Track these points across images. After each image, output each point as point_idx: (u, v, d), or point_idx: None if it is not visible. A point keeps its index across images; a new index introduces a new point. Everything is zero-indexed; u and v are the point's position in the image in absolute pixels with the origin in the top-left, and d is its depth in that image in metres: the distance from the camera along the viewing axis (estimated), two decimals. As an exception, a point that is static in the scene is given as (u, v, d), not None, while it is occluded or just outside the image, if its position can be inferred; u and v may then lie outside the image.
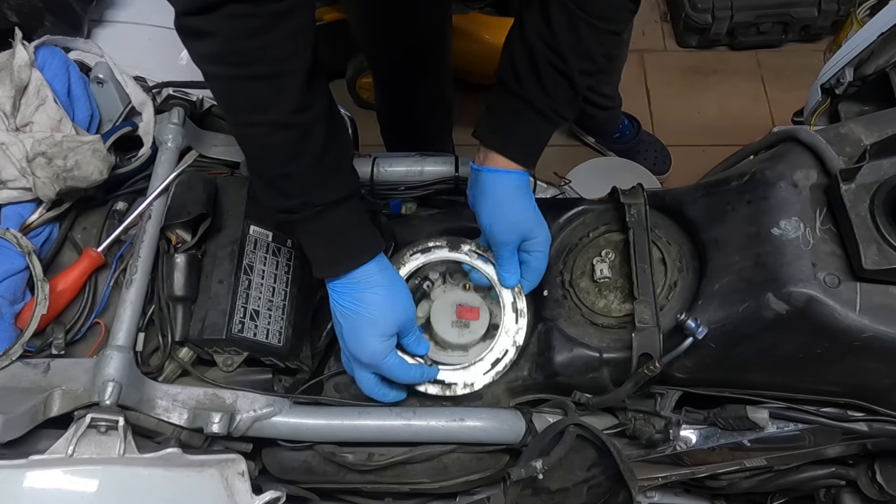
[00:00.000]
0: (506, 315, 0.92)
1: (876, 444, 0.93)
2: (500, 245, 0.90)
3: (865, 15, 2.12)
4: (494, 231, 0.89)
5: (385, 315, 0.83)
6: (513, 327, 0.92)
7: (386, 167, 1.06)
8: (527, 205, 0.89)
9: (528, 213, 0.89)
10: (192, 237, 0.93)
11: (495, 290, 0.94)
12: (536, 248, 0.91)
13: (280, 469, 0.93)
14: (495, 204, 0.88)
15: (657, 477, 1.04)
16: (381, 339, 0.83)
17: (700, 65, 2.32)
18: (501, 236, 0.89)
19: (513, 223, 0.89)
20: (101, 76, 0.99)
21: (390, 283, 0.83)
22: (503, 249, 0.90)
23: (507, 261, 0.91)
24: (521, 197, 0.89)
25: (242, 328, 0.86)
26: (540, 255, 0.91)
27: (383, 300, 0.82)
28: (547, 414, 0.92)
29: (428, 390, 0.89)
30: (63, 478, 0.78)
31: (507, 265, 0.91)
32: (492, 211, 0.89)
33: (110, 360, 0.82)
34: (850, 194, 0.76)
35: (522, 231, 0.89)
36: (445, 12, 1.45)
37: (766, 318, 0.76)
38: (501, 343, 0.91)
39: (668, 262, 0.89)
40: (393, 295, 0.83)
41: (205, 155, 1.03)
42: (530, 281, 0.93)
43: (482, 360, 0.90)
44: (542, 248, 0.91)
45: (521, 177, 0.88)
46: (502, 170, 0.87)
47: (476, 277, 0.95)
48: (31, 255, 0.88)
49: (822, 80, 1.08)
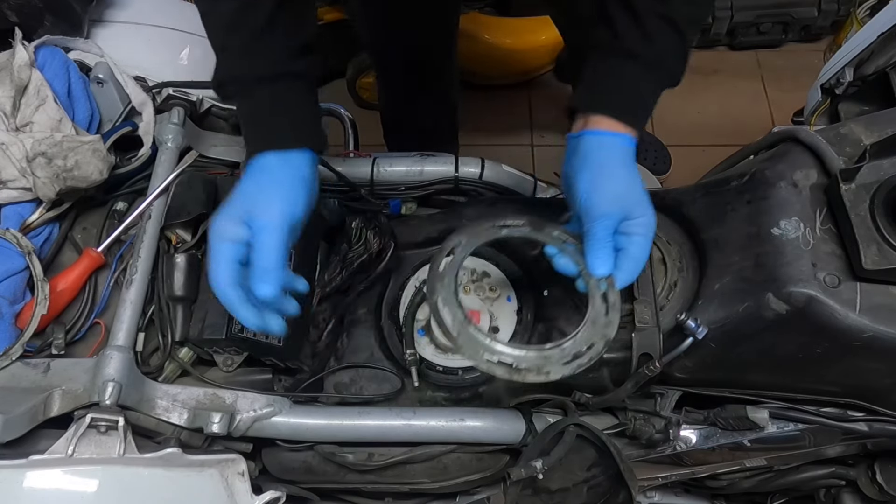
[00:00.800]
0: (593, 305, 0.79)
1: (876, 444, 0.93)
2: (597, 221, 0.76)
3: (865, 15, 2.12)
4: (593, 202, 0.76)
5: (246, 198, 0.74)
6: (601, 320, 0.78)
7: (386, 167, 1.06)
8: (634, 175, 0.78)
9: (634, 184, 0.78)
10: (192, 237, 0.93)
11: (581, 280, 0.81)
12: (638, 230, 0.77)
13: (280, 469, 0.93)
14: (598, 170, 0.77)
15: (657, 477, 1.04)
16: (227, 220, 0.73)
17: (700, 65, 2.32)
18: (601, 208, 0.76)
19: (616, 194, 0.76)
20: (101, 76, 0.99)
21: (280, 181, 0.75)
22: (599, 227, 0.76)
23: (600, 243, 0.76)
24: (627, 165, 0.79)
25: (242, 328, 0.86)
26: (641, 241, 0.77)
27: (255, 188, 0.74)
28: (547, 414, 0.92)
29: (494, 371, 0.77)
30: (63, 478, 0.78)
31: (599, 250, 0.77)
32: (593, 179, 0.77)
33: (110, 360, 0.82)
34: (850, 194, 0.76)
35: (626, 205, 0.77)
36: (454, 12, 1.43)
37: (766, 318, 0.76)
38: (586, 334, 0.78)
39: (668, 262, 0.89)
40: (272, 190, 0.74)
41: (205, 155, 1.03)
42: (626, 272, 0.78)
43: (560, 348, 0.78)
44: (645, 232, 0.77)
45: (628, 141, 0.79)
46: (607, 131, 0.78)
47: (561, 264, 0.81)
48: (31, 255, 0.88)
49: (822, 80, 1.08)
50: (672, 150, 2.12)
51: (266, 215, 0.74)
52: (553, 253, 0.82)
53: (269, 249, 0.73)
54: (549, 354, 0.77)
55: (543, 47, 2.08)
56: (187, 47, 1.11)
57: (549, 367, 0.77)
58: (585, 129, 0.79)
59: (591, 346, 0.78)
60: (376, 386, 0.95)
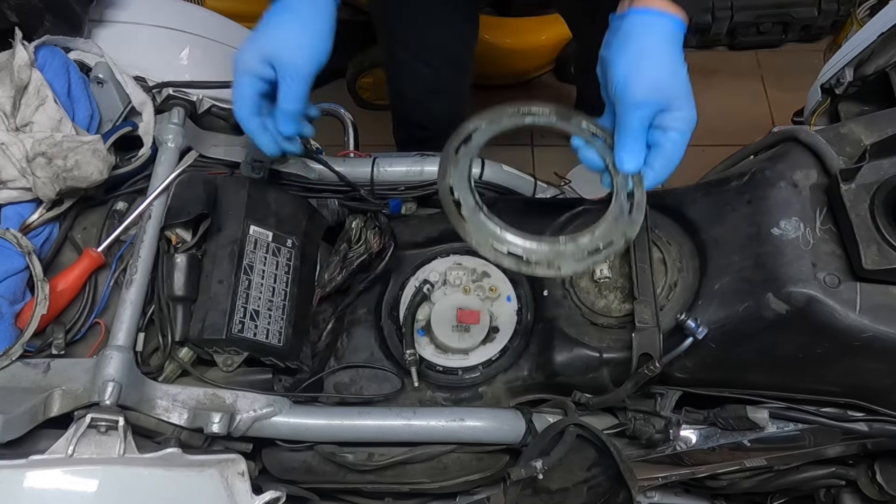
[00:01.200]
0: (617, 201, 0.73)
1: (876, 444, 0.93)
2: (631, 109, 0.70)
3: (865, 15, 2.12)
4: (630, 88, 0.70)
5: (270, 37, 0.79)
6: (624, 218, 0.72)
7: (386, 167, 1.06)
8: (679, 62, 0.71)
9: (679, 72, 0.71)
10: (192, 237, 0.93)
11: (606, 176, 0.75)
12: (676, 124, 0.71)
13: (280, 469, 0.93)
14: (640, 53, 0.70)
15: (657, 477, 1.04)
16: (250, 56, 0.80)
17: (700, 65, 2.32)
18: (638, 95, 0.69)
19: (657, 80, 0.70)
20: (101, 76, 0.99)
21: (305, 23, 0.79)
22: (633, 117, 0.70)
23: (632, 135, 0.70)
24: (673, 50, 0.72)
25: (242, 328, 0.86)
26: (677, 138, 0.71)
27: (280, 28, 0.79)
28: (547, 414, 0.92)
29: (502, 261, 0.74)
30: (63, 478, 0.78)
31: (630, 142, 0.70)
32: (633, 62, 0.70)
33: (110, 360, 0.82)
34: (850, 194, 0.76)
35: (666, 95, 0.70)
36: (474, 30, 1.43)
37: (766, 318, 0.76)
38: (605, 230, 0.73)
39: (668, 262, 0.89)
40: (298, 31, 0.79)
41: (205, 155, 1.03)
42: (657, 170, 0.72)
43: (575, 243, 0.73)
44: (684, 128, 0.71)
45: (678, 24, 0.72)
46: (656, 10, 0.71)
47: (587, 159, 0.76)
48: (31, 255, 0.88)
49: (822, 80, 1.08)
50: (672, 150, 2.13)
51: (291, 58, 0.79)
52: (579, 145, 0.76)
53: (294, 94, 0.81)
54: (563, 249, 0.73)
55: (543, 47, 2.08)
56: (187, 47, 1.11)
57: (561, 262, 0.73)
58: (632, 7, 0.72)
59: (610, 243, 0.73)
60: (376, 386, 0.95)
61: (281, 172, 1.01)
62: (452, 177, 0.75)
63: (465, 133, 0.77)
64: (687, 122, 0.71)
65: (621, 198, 0.73)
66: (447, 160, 0.75)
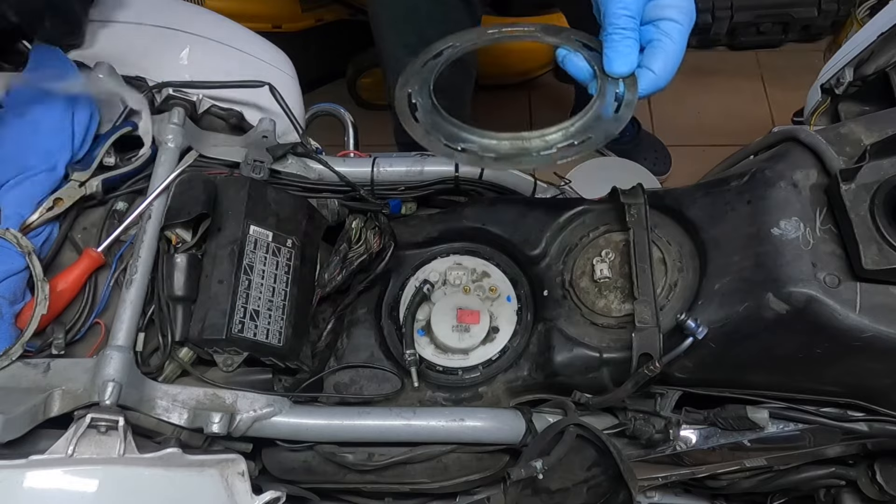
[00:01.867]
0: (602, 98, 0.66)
1: (876, 444, 0.93)
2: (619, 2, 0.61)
3: (865, 15, 2.12)
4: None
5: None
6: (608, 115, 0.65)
7: (386, 167, 1.06)
8: None
9: None
10: (192, 237, 0.93)
11: (595, 83, 0.68)
12: (671, 13, 0.62)
13: (280, 469, 0.93)
14: None
15: (657, 477, 1.04)
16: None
17: (700, 65, 2.32)
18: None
19: None
20: (101, 76, 0.99)
21: None
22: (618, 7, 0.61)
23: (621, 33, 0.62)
24: None
25: (242, 328, 0.86)
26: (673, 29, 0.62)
27: None
28: (547, 414, 0.92)
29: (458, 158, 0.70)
30: (63, 478, 0.78)
31: (619, 41, 0.62)
32: None
33: (110, 360, 0.81)
34: (850, 194, 0.76)
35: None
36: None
37: (766, 318, 0.76)
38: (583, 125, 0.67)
39: (668, 262, 0.89)
40: None
41: (205, 155, 1.03)
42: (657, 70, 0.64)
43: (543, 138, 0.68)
44: (678, 17, 0.62)
45: None
46: None
47: (572, 66, 0.69)
48: (31, 255, 0.88)
49: (822, 80, 1.08)
50: (672, 150, 2.13)
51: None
52: (564, 53, 0.69)
53: None
54: (528, 146, 0.67)
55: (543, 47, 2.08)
56: (187, 47, 1.11)
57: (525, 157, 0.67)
58: None
59: (588, 139, 0.66)
60: (376, 386, 0.95)
61: (281, 172, 1.01)
62: (414, 85, 0.71)
63: (437, 49, 0.73)
64: (682, 10, 0.62)
65: (607, 98, 0.66)
66: (412, 71, 0.71)
